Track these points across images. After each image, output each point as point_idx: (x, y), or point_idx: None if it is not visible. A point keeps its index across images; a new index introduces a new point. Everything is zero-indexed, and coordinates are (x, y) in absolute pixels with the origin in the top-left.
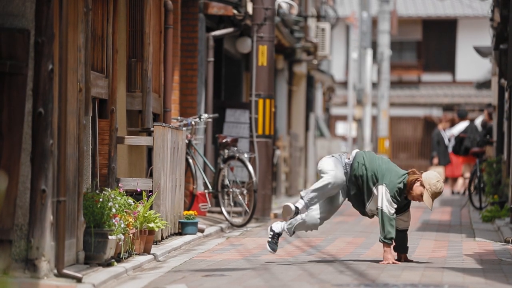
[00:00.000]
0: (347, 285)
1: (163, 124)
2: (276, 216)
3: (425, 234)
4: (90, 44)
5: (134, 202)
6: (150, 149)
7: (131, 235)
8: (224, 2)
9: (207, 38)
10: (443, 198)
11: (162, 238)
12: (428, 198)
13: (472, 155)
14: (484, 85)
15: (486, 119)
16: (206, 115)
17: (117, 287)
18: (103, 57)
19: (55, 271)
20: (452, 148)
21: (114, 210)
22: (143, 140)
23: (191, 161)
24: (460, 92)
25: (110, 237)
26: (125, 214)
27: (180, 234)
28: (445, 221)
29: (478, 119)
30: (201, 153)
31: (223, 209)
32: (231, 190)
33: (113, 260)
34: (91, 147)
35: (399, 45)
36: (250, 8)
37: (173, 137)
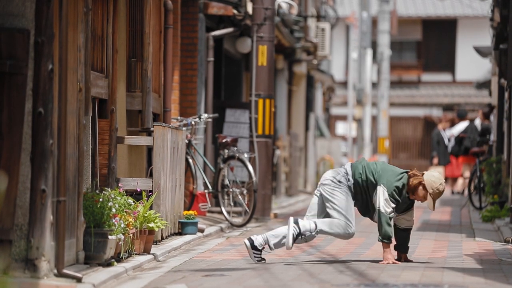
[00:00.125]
0: (347, 285)
1: (163, 124)
2: (276, 216)
3: (425, 234)
4: (90, 44)
5: (134, 202)
6: (150, 149)
7: (131, 235)
8: (224, 2)
9: (207, 38)
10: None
11: (162, 238)
12: (431, 202)
13: (472, 155)
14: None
15: (480, 118)
16: (206, 115)
17: (117, 287)
18: (103, 57)
19: (55, 271)
20: (450, 149)
21: (114, 210)
22: (143, 140)
23: (191, 161)
24: (460, 92)
25: (110, 237)
26: (125, 214)
27: (180, 234)
28: (445, 221)
29: (478, 119)
30: (201, 153)
31: (223, 209)
32: (231, 190)
33: (113, 260)
34: (91, 147)
35: (399, 45)
36: (250, 8)
37: (173, 137)
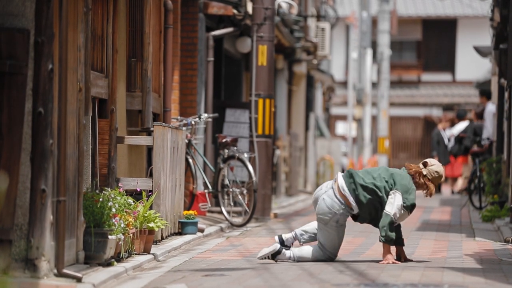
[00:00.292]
0: (347, 284)
1: (163, 124)
2: (276, 216)
3: (425, 234)
4: (90, 44)
5: (134, 202)
6: (150, 149)
7: (131, 234)
8: (224, 2)
9: (207, 37)
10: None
11: (162, 238)
12: (432, 187)
13: (472, 155)
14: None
15: (473, 118)
16: (206, 114)
17: (117, 287)
18: (103, 57)
19: (55, 271)
20: (450, 149)
21: (114, 210)
22: (143, 140)
23: (191, 161)
24: (460, 92)
25: (110, 236)
26: (125, 214)
27: (180, 233)
28: (445, 221)
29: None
30: (201, 153)
31: (223, 209)
32: (231, 190)
33: (113, 259)
34: (91, 147)
35: (399, 45)
36: (250, 8)
37: (173, 137)
